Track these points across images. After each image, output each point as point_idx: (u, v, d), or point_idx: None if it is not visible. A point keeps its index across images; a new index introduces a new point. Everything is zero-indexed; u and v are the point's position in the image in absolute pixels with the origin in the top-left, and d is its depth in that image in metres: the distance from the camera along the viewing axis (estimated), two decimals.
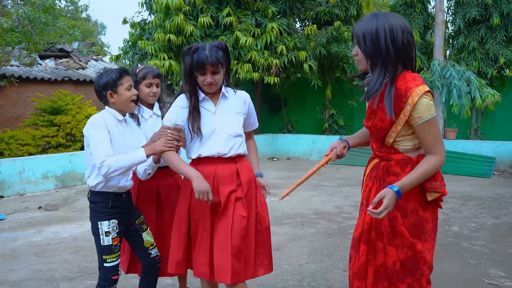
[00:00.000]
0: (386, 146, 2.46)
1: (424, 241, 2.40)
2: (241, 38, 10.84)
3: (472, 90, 9.93)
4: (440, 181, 2.37)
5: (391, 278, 2.42)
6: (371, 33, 2.30)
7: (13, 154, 8.84)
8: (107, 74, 2.96)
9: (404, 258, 2.39)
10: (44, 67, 12.78)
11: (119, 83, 2.95)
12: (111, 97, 2.96)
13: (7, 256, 5.15)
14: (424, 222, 2.40)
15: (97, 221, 2.97)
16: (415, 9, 12.87)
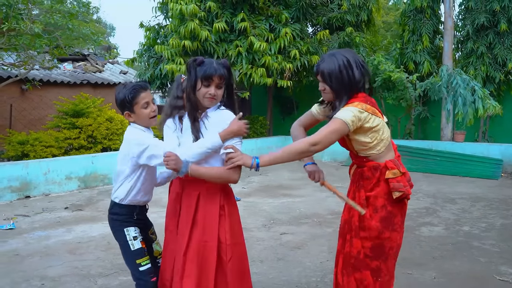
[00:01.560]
0: (358, 156, 2.98)
1: (392, 231, 2.88)
2: (255, 43, 11.15)
3: (476, 100, 10.21)
4: (404, 182, 2.85)
5: (355, 265, 2.92)
6: (335, 72, 2.79)
7: (38, 155, 9.16)
8: (122, 92, 2.94)
9: (372, 246, 2.88)
10: (63, 70, 13.12)
11: (134, 102, 2.93)
12: (129, 116, 2.98)
13: (42, 253, 5.42)
14: (392, 216, 2.88)
15: (122, 228, 3.02)
16: (425, 15, 13.14)
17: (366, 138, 2.85)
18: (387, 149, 2.92)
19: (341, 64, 2.79)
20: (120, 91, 2.96)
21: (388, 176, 2.84)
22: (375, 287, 2.90)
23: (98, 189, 9.17)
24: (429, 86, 11.29)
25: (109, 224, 3.13)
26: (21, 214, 7.20)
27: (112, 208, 3.08)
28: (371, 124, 2.80)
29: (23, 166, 8.37)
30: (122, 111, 3.01)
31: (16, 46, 8.75)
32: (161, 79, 13.30)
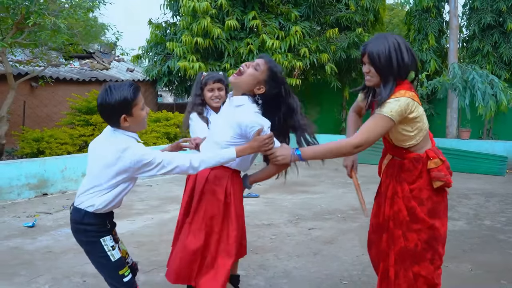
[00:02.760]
0: (397, 147, 2.92)
1: (439, 218, 2.89)
2: (267, 41, 11.23)
3: (497, 92, 10.36)
4: (445, 171, 2.84)
5: (414, 258, 2.88)
6: (385, 53, 2.70)
7: (53, 152, 9.16)
8: (118, 93, 2.54)
9: (427, 238, 2.86)
10: (70, 67, 13.10)
11: (133, 104, 2.60)
12: (125, 121, 2.61)
13: (75, 250, 5.40)
14: (437, 205, 2.89)
15: (98, 239, 2.73)
16: (431, 14, 13.32)
17: (408, 127, 2.79)
18: (425, 139, 2.89)
19: (391, 46, 2.71)
20: (116, 92, 2.54)
21: (430, 166, 2.83)
22: (433, 274, 2.92)
23: None
24: (437, 85, 11.44)
25: (78, 235, 2.82)
26: (42, 212, 7.21)
27: (83, 218, 2.69)
28: (415, 113, 2.75)
29: (40, 163, 8.37)
30: (115, 116, 2.59)
31: (36, 42, 8.76)
32: (169, 76, 13.33)
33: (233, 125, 2.92)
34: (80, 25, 8.73)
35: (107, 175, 2.64)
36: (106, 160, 2.62)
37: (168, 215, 7.04)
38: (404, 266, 2.90)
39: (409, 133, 2.81)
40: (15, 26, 8.37)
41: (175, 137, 11.78)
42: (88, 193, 2.70)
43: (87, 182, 2.74)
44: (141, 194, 8.47)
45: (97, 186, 2.67)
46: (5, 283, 4.43)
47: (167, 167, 2.65)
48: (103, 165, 2.64)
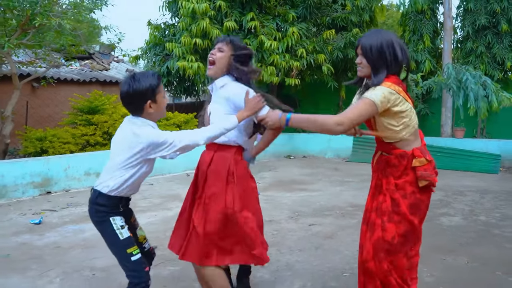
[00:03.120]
0: (384, 142, 3.00)
1: (419, 217, 2.98)
2: (265, 42, 11.39)
3: (489, 93, 10.56)
4: (431, 170, 2.90)
5: (390, 250, 2.94)
6: (377, 46, 2.83)
7: (56, 152, 9.29)
8: (145, 80, 2.75)
9: (405, 231, 2.93)
10: (70, 68, 13.22)
11: (157, 91, 2.81)
12: (150, 107, 2.79)
13: (83, 246, 5.56)
14: (420, 203, 2.95)
15: (107, 218, 2.86)
16: (425, 16, 13.52)
17: (393, 121, 2.85)
18: (413, 136, 2.92)
19: (384, 40, 2.84)
20: (142, 79, 2.75)
21: (415, 165, 2.87)
22: (406, 269, 3.02)
23: None
24: (432, 85, 11.64)
25: (92, 216, 2.95)
26: (48, 209, 7.34)
27: (96, 198, 2.85)
28: (400, 107, 2.79)
29: (44, 162, 8.51)
30: (141, 102, 2.76)
31: (41, 43, 8.88)
32: (168, 77, 13.47)
33: (222, 103, 3.16)
34: (84, 26, 8.87)
35: (123, 156, 2.80)
36: (123, 142, 2.82)
37: (171, 212, 7.18)
38: (379, 257, 2.95)
39: (395, 127, 2.87)
40: (20, 27, 8.50)
41: None
42: (105, 175, 2.87)
43: (107, 167, 2.90)
44: (144, 193, 8.60)
45: (113, 168, 2.83)
46: (18, 276, 4.56)
47: (178, 145, 2.79)
48: (120, 147, 2.83)
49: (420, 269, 4.58)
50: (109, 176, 2.84)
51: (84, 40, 9.47)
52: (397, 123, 2.85)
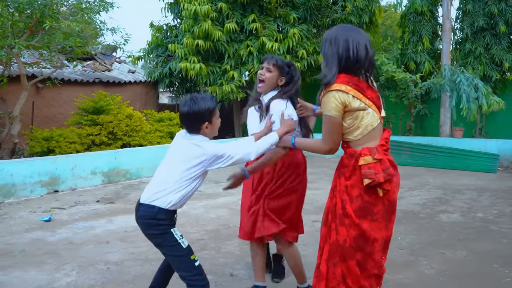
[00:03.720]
0: (343, 140, 2.91)
1: (372, 221, 2.79)
2: (266, 43, 11.58)
3: (479, 96, 10.77)
4: (377, 170, 2.73)
5: (342, 254, 2.82)
6: (331, 39, 2.81)
7: (63, 151, 9.45)
8: (204, 103, 2.95)
9: (354, 235, 2.79)
10: (73, 69, 13.35)
11: (214, 113, 3.01)
12: (206, 128, 3.00)
13: (95, 241, 5.72)
14: (369, 205, 2.78)
15: (169, 230, 2.99)
16: (424, 17, 13.70)
17: (345, 122, 2.79)
18: (367, 137, 2.82)
19: (328, 36, 2.84)
20: (201, 102, 2.96)
21: (360, 163, 2.76)
22: (361, 279, 2.84)
23: (121, 184, 9.50)
24: (431, 85, 11.83)
25: (148, 229, 3.04)
26: (57, 207, 7.50)
27: (157, 214, 2.95)
28: (350, 107, 2.75)
29: (52, 161, 8.68)
30: (199, 123, 2.99)
31: (49, 44, 9.04)
32: (170, 78, 13.63)
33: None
34: (91, 28, 9.04)
35: (183, 167, 2.96)
36: (183, 155, 2.99)
37: None
38: (334, 261, 2.87)
39: (346, 127, 2.81)
40: (29, 29, 8.66)
41: None
42: (165, 191, 2.97)
43: (162, 181, 3.01)
44: None
45: (170, 182, 2.97)
46: (35, 269, 4.73)
47: (234, 157, 3.02)
48: (181, 160, 3.00)
49: (420, 262, 4.83)
50: (167, 191, 2.96)
51: (91, 41, 9.63)
52: (347, 124, 2.81)
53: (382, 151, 2.80)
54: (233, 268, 4.74)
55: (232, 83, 11.90)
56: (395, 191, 2.85)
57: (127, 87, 14.23)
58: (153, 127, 11.84)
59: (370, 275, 2.84)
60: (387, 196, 2.80)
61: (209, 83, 12.33)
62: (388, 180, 2.77)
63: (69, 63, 11.34)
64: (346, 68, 2.79)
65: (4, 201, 7.90)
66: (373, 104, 2.82)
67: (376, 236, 2.80)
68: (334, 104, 2.74)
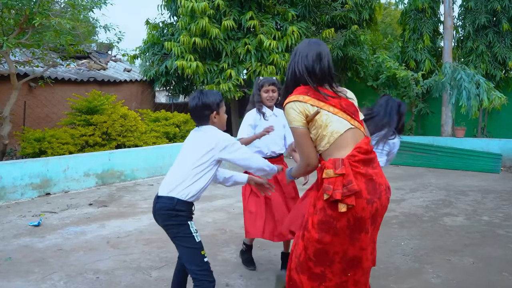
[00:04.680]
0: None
1: (334, 235, 2.64)
2: (265, 41, 11.35)
3: (480, 92, 10.54)
4: (337, 186, 2.57)
5: (298, 266, 2.78)
6: (292, 55, 2.92)
7: (55, 152, 9.20)
8: (212, 96, 3.26)
9: (314, 250, 2.69)
10: (67, 68, 13.11)
11: (221, 105, 3.30)
12: (214, 117, 3.27)
13: (85, 248, 5.52)
14: (333, 220, 2.62)
15: (187, 222, 3.12)
16: (425, 14, 13.49)
17: (311, 133, 2.75)
18: (335, 146, 2.70)
19: (297, 50, 2.91)
20: (209, 94, 3.27)
21: (323, 176, 2.64)
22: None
23: (115, 186, 9.27)
24: (432, 84, 11.61)
25: (168, 221, 3.15)
26: (48, 211, 7.28)
27: (176, 205, 3.08)
28: (310, 116, 2.71)
29: (43, 163, 8.44)
30: (207, 112, 3.25)
31: (40, 42, 8.80)
32: (167, 76, 13.40)
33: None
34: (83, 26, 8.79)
35: (198, 158, 3.13)
36: (195, 145, 3.21)
37: None
38: (297, 270, 2.82)
39: (314, 138, 2.75)
40: (19, 26, 8.41)
41: (174, 137, 11.86)
42: (183, 183, 3.12)
43: (179, 173, 3.16)
44: (144, 193, 8.56)
45: (189, 174, 3.12)
46: (20, 280, 4.52)
47: (242, 148, 3.24)
48: (193, 150, 3.19)
49: (425, 270, 4.61)
50: (185, 183, 3.12)
51: (83, 39, 9.37)
52: (314, 136, 2.74)
53: (351, 162, 2.63)
54: (229, 278, 4.54)
55: (229, 82, 11.66)
56: (366, 208, 2.62)
57: (123, 86, 13.96)
58: (149, 127, 11.59)
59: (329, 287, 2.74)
60: (352, 212, 2.60)
61: (206, 82, 12.10)
62: (351, 196, 2.58)
63: (62, 61, 11.07)
64: (304, 81, 2.80)
65: None
66: (340, 111, 2.73)
67: (336, 249, 2.69)
68: (294, 114, 2.73)
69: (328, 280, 2.72)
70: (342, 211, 2.58)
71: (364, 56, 13.11)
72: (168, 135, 11.71)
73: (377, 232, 2.86)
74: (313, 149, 2.77)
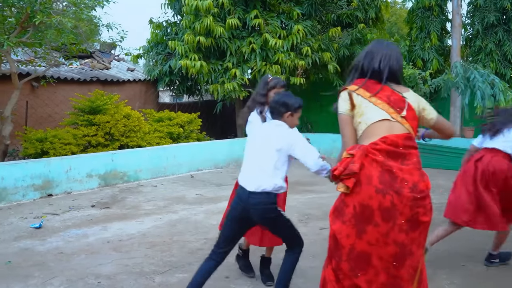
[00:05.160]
0: None
1: (343, 223, 2.71)
2: (270, 40, 11.19)
3: (496, 92, 10.36)
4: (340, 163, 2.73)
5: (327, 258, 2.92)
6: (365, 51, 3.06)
7: (57, 153, 9.06)
8: (294, 99, 3.63)
9: (330, 236, 2.83)
10: (70, 67, 12.98)
11: (298, 110, 3.63)
12: (288, 117, 3.59)
13: (87, 251, 5.38)
14: (343, 205, 2.73)
15: (278, 211, 3.50)
16: (433, 12, 13.28)
17: (355, 122, 2.90)
18: (366, 133, 2.82)
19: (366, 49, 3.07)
20: (291, 98, 3.64)
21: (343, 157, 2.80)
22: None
23: (118, 187, 9.12)
24: (441, 83, 11.43)
25: (267, 215, 3.48)
26: (49, 213, 7.15)
27: (273, 198, 3.46)
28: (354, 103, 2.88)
29: (45, 163, 8.30)
30: (281, 110, 3.59)
31: (41, 41, 8.67)
32: (170, 76, 13.26)
33: None
34: (85, 24, 8.67)
35: (279, 155, 3.48)
36: (274, 140, 3.51)
37: (176, 215, 6.99)
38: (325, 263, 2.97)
39: (355, 127, 2.91)
40: (20, 25, 8.28)
41: (178, 137, 11.71)
42: (273, 177, 3.47)
43: (265, 167, 3.48)
44: (148, 195, 8.41)
45: (273, 168, 3.47)
46: (20, 285, 4.40)
47: (312, 149, 3.47)
48: (272, 145, 3.50)
49: (439, 276, 4.46)
50: (276, 177, 3.47)
51: (86, 38, 9.24)
52: (355, 123, 2.89)
53: (369, 149, 2.71)
54: (235, 284, 4.39)
55: (234, 81, 11.50)
56: (374, 197, 2.62)
57: (126, 85, 13.81)
58: (152, 127, 11.44)
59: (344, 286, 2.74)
60: (358, 198, 2.66)
61: (211, 81, 11.94)
62: (351, 178, 2.66)
63: (65, 61, 10.94)
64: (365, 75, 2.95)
65: None
66: (383, 102, 2.81)
67: (343, 243, 2.69)
68: (340, 101, 2.93)
69: (342, 277, 2.73)
70: (356, 195, 2.66)
71: None
72: (172, 135, 11.56)
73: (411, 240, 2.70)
74: (352, 138, 2.89)
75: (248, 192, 3.44)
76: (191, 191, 8.72)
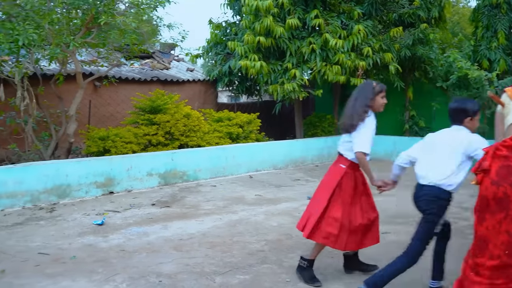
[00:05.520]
0: None
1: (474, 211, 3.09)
2: (330, 40, 11.01)
3: None
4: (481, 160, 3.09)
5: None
6: None
7: (119, 151, 9.23)
8: (471, 104, 3.82)
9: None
10: (131, 67, 13.24)
11: (477, 113, 3.81)
12: (468, 122, 3.79)
13: (148, 249, 5.42)
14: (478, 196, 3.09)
15: (443, 213, 3.73)
16: (500, 10, 12.65)
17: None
18: (509, 132, 3.15)
19: None
20: (467, 103, 3.84)
21: None
22: None
23: (178, 186, 9.19)
24: (508, 85, 10.90)
25: (429, 206, 3.72)
26: (111, 210, 7.28)
27: (440, 194, 3.68)
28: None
29: (107, 161, 8.48)
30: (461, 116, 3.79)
31: (105, 41, 8.87)
32: (230, 77, 13.28)
33: None
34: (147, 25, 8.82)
35: (456, 157, 3.69)
36: (458, 143, 3.72)
37: (235, 216, 6.95)
38: None
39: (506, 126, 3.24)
40: (85, 26, 8.49)
41: (237, 137, 11.70)
42: (451, 176, 3.68)
43: (445, 166, 3.70)
44: (207, 195, 8.43)
45: (454, 168, 3.68)
46: (84, 279, 4.49)
47: None
48: (456, 147, 3.71)
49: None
50: (451, 176, 3.67)
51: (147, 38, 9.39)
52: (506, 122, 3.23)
53: (497, 145, 2.97)
54: (297, 287, 4.27)
55: (294, 82, 11.36)
56: (489, 188, 2.91)
57: (185, 85, 13.97)
58: (212, 127, 11.48)
59: None
60: (480, 189, 3.02)
61: (270, 82, 11.85)
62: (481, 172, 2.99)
63: (126, 61, 11.16)
64: None
65: (59, 202, 7.76)
66: None
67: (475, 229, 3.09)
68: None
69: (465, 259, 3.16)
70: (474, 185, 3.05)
71: (433, 56, 12.47)
72: (231, 135, 11.56)
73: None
74: (501, 134, 3.31)
75: (420, 184, 3.84)
76: (250, 192, 8.67)
